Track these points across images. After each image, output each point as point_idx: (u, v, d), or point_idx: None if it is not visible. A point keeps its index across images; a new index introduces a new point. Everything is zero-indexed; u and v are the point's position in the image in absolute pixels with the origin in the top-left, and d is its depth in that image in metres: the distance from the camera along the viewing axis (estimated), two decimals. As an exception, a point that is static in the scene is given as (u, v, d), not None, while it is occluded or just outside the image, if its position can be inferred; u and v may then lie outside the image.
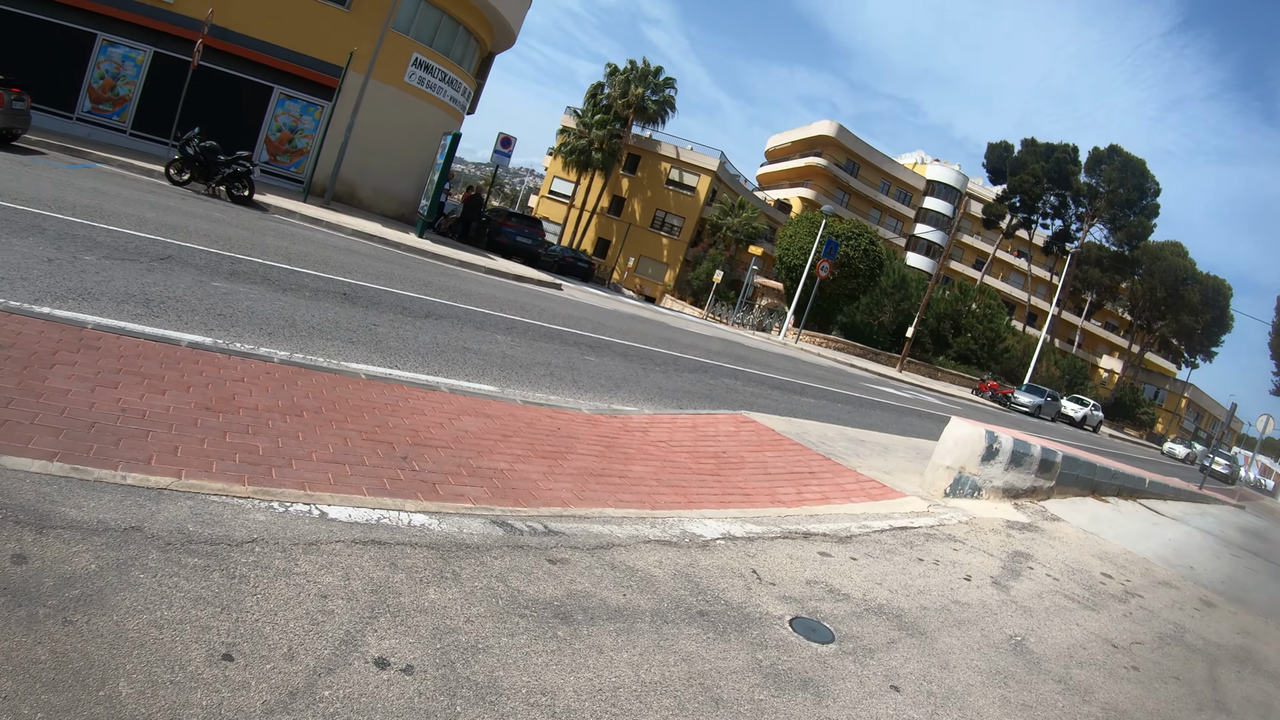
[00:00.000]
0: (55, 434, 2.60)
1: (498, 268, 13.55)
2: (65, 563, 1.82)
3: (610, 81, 38.82)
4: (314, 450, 3.07)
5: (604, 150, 38.41)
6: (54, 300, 4.40)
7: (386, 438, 3.36)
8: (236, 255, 7.60)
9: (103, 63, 16.20)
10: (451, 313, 7.41)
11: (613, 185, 41.76)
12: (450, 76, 19.58)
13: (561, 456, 3.70)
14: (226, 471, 2.67)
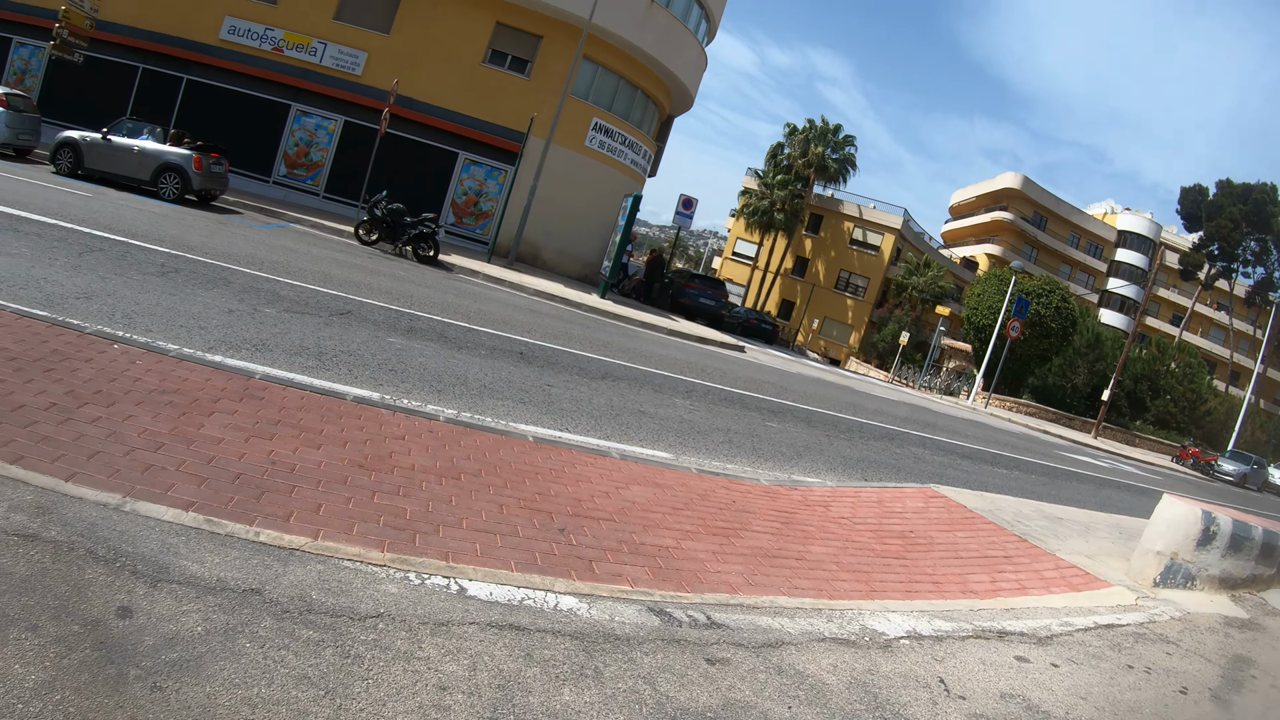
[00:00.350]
0: (198, 483, 3.58)
1: (679, 329, 18.36)
2: (171, 621, 2.36)
3: (790, 141, 55.98)
4: (465, 517, 3.93)
5: (786, 210, 54.88)
6: (228, 349, 6.27)
7: (546, 506, 4.39)
8: (415, 312, 10.27)
9: (296, 131, 25.53)
10: (630, 374, 9.82)
11: (796, 246, 59.24)
12: (630, 140, 27.64)
13: (734, 534, 4.80)
14: (367, 535, 3.44)
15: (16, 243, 8.59)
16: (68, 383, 4.51)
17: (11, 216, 10.14)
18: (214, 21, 24.88)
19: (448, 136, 25.00)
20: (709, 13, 29.87)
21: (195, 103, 25.18)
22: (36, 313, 5.90)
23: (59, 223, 10.48)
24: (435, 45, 24.89)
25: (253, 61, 24.81)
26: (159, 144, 17.65)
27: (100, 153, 17.51)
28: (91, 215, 11.78)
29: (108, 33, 24.06)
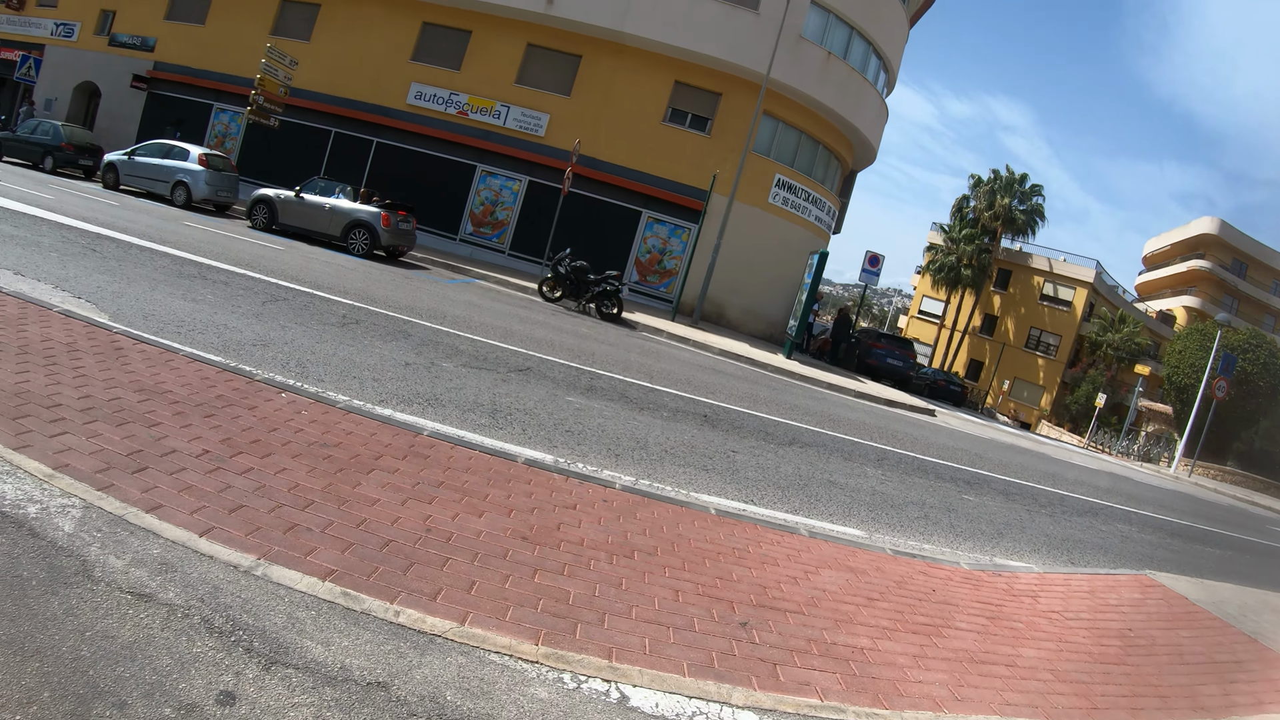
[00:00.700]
0: (342, 548, 3.42)
1: (868, 391, 18.50)
2: (274, 716, 2.08)
3: (975, 193, 57.62)
4: (636, 604, 3.67)
5: (973, 266, 55.67)
6: (398, 403, 6.35)
7: (727, 594, 4.22)
8: (596, 370, 10.40)
9: (482, 190, 27.61)
10: (818, 440, 9.89)
11: (984, 303, 59.93)
12: (814, 196, 28.44)
13: (936, 631, 4.57)
14: (522, 622, 3.14)
15: (204, 290, 9.30)
16: (226, 430, 4.57)
17: (203, 265, 11.08)
18: (401, 88, 27.43)
19: (630, 195, 26.23)
20: (887, 63, 29.91)
21: (385, 163, 27.57)
22: (210, 357, 6.19)
23: (247, 272, 11.34)
24: (615, 105, 26.24)
25: (439, 125, 27.02)
26: (349, 202, 19.14)
27: (293, 209, 19.27)
28: (280, 267, 12.72)
29: (302, 99, 27.00)
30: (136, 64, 30.71)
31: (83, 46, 32.62)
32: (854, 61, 27.61)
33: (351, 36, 27.85)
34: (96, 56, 31.98)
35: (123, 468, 3.78)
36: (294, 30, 28.50)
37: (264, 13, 28.88)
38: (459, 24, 27.06)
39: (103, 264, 9.55)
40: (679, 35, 25.14)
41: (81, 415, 4.34)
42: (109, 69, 31.45)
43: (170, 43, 30.37)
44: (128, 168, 21.24)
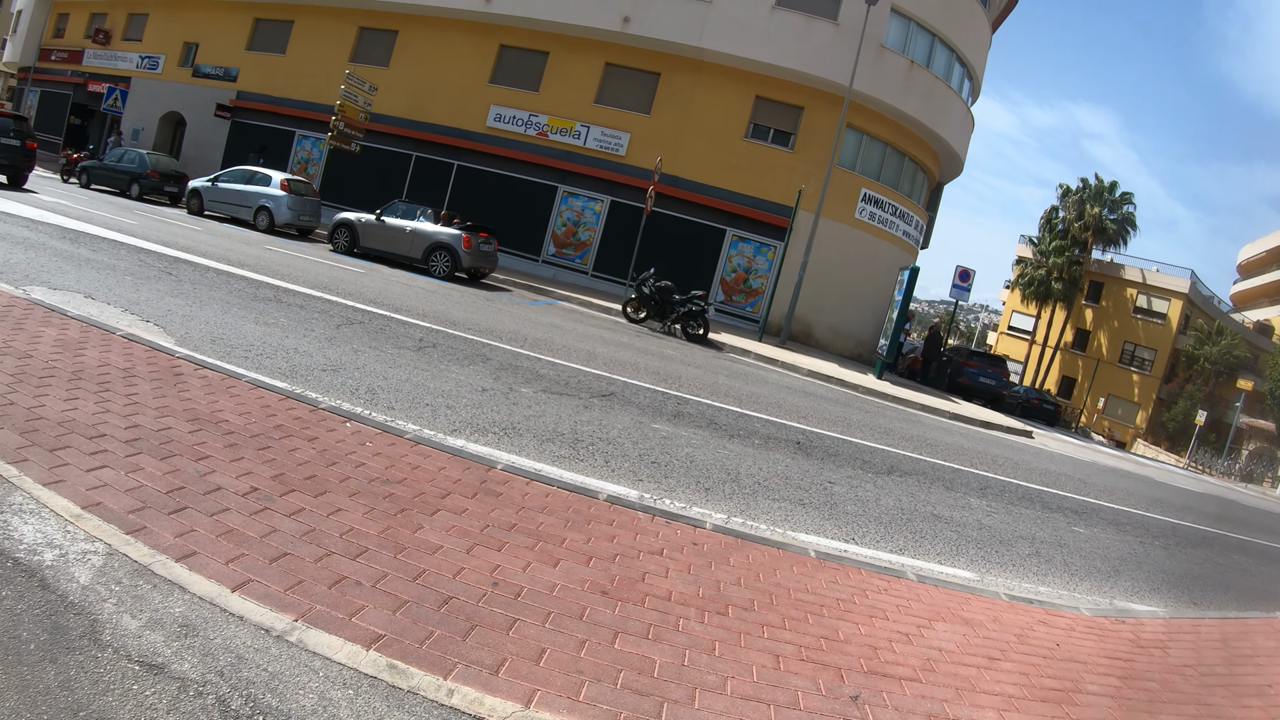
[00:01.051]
0: (394, 606, 2.99)
1: (962, 413, 18.30)
2: None
3: (1064, 203, 57.00)
4: (731, 675, 3.18)
5: (1064, 279, 55.30)
6: (472, 432, 6.00)
7: (833, 658, 3.76)
8: (683, 395, 10.01)
9: (564, 211, 27.48)
10: (917, 468, 9.56)
11: (1075, 317, 59.11)
12: (901, 210, 28.05)
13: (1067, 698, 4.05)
14: (598, 702, 2.68)
15: (277, 313, 9.16)
16: (280, 464, 4.24)
17: (279, 289, 11.02)
18: (481, 110, 27.67)
19: (713, 213, 25.92)
20: (971, 70, 29.15)
21: (466, 186, 27.85)
22: (274, 384, 5.93)
23: (324, 295, 11.25)
24: (696, 122, 26.03)
25: (519, 146, 27.18)
26: (430, 224, 19.26)
27: (374, 232, 19.49)
28: (358, 290, 12.64)
29: (382, 124, 27.50)
30: (220, 94, 31.78)
31: (167, 78, 33.98)
32: (937, 70, 27.05)
33: (429, 61, 28.28)
34: (181, 87, 33.25)
35: (159, 507, 3.46)
36: (373, 57, 29.07)
37: (343, 41, 29.58)
38: (536, 45, 27.25)
39: (177, 287, 9.53)
40: (758, 49, 24.88)
41: (125, 447, 4.06)
42: (193, 99, 32.64)
43: (252, 72, 31.38)
44: (211, 194, 21.79)
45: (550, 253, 27.11)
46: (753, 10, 24.86)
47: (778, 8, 24.80)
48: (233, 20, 31.99)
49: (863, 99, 24.77)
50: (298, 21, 30.55)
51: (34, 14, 40.26)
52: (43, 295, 7.49)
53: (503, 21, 27.03)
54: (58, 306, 6.92)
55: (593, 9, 25.66)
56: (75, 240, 11.79)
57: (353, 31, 29.52)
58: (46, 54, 39.78)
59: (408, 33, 28.67)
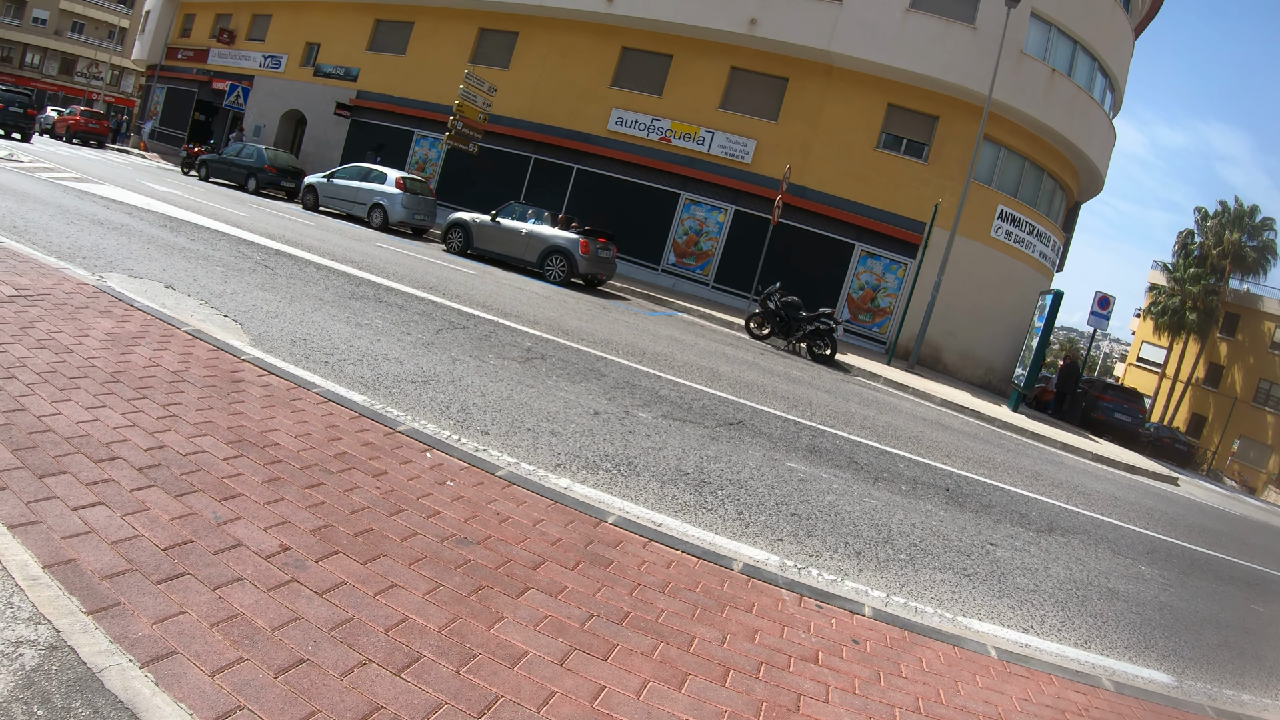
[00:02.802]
0: None
1: (1104, 454, 17.38)
2: None
3: (1201, 228, 54.78)
4: None
5: (1199, 309, 52.51)
6: (579, 469, 5.05)
7: None
8: (817, 425, 9.01)
9: (686, 220, 26.58)
10: (1077, 524, 8.61)
11: (1209, 350, 55.52)
12: (1038, 230, 26.68)
13: None
14: None
15: (373, 313, 8.40)
16: (329, 510, 3.29)
17: (380, 287, 10.33)
18: (602, 114, 27.14)
19: (842, 226, 24.76)
20: (1113, 80, 27.10)
21: (585, 190, 27.35)
22: (349, 397, 5.06)
23: (429, 296, 10.51)
24: (825, 130, 24.97)
25: (641, 151, 26.51)
26: (547, 227, 18.64)
27: (489, 234, 18.99)
28: (467, 292, 11.90)
29: (501, 125, 27.25)
30: (340, 93, 32.22)
31: (289, 77, 34.71)
32: (1079, 79, 25.32)
33: (550, 63, 27.94)
34: (302, 86, 33.90)
35: (148, 570, 2.55)
36: (493, 58, 28.91)
37: (463, 42, 29.53)
38: (659, 48, 26.59)
39: (270, 280, 8.90)
40: (891, 54, 23.68)
41: (135, 477, 3.18)
42: (314, 97, 33.22)
43: (372, 72, 31.70)
44: (327, 190, 21.76)
45: (670, 262, 26.33)
46: (886, 13, 23.67)
47: (912, 10, 23.55)
48: (354, 21, 32.47)
49: (1001, 109, 23.39)
50: (418, 22, 30.70)
51: (161, 14, 42.02)
52: (119, 283, 6.90)
53: (625, 23, 26.43)
54: (126, 296, 6.25)
55: (718, 10, 24.82)
56: (175, 229, 11.42)
57: (473, 32, 29.43)
58: (173, 52, 41.34)
59: (528, 34, 28.42)
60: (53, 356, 4.40)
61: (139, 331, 5.31)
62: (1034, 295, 23.46)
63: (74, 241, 8.61)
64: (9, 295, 5.48)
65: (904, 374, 18.77)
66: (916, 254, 22.79)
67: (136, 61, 49.13)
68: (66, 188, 13.88)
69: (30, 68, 67.40)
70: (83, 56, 69.54)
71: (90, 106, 49.19)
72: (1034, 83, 23.94)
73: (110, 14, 70.40)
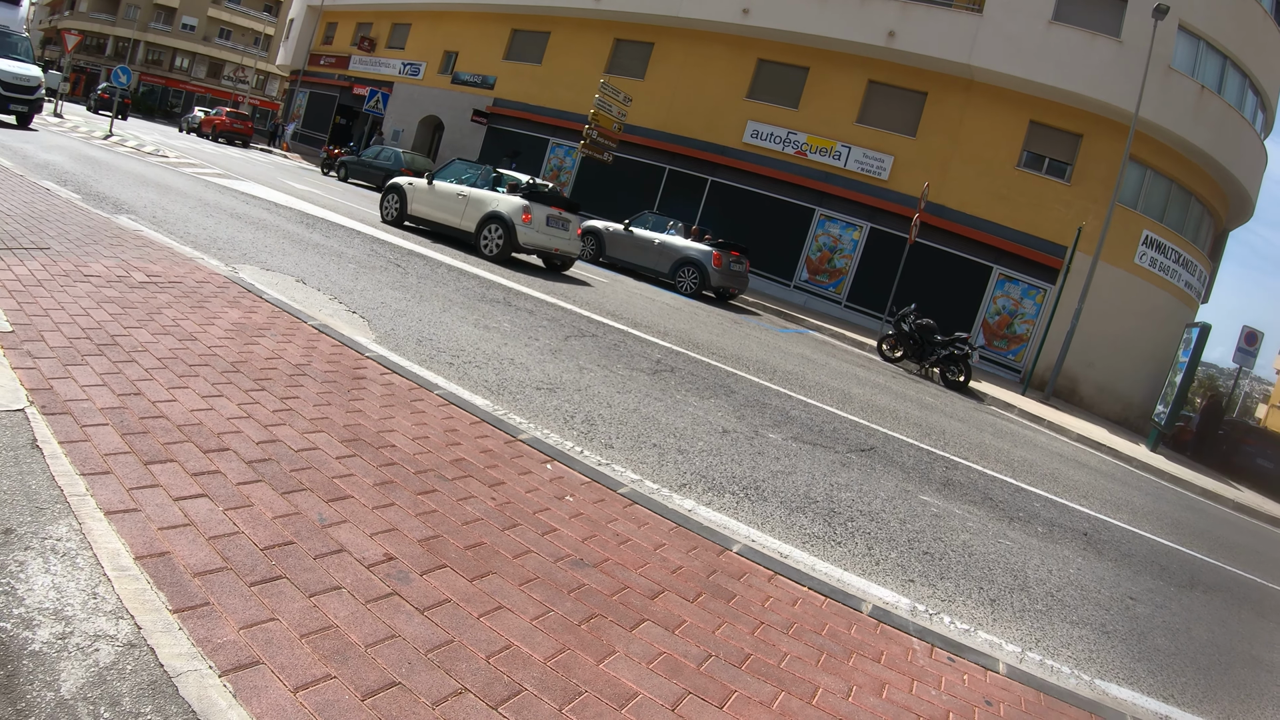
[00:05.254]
0: None
1: (1246, 502, 16.74)
2: None
3: None
4: None
5: None
6: (705, 490, 4.80)
7: None
8: (950, 456, 8.59)
9: (820, 236, 26.34)
10: (1219, 580, 8.15)
11: None
12: (1184, 257, 25.49)
13: None
14: None
15: (502, 317, 8.36)
16: (440, 519, 3.12)
17: (510, 290, 10.34)
18: (737, 126, 27.03)
19: (979, 248, 24.11)
20: (1265, 99, 25.21)
21: (719, 202, 27.30)
22: (472, 400, 4.94)
23: (559, 302, 10.46)
24: (964, 148, 24.26)
25: (776, 165, 26.30)
26: (680, 238, 18.55)
27: (621, 243, 19.06)
28: (597, 300, 11.83)
29: (636, 136, 27.44)
30: (477, 100, 33.14)
31: (428, 84, 35.98)
32: (1229, 96, 23.72)
33: (686, 74, 28.01)
34: (440, 93, 35.08)
35: (244, 570, 2.41)
36: (628, 69, 29.19)
37: (599, 52, 29.91)
38: (796, 60, 26.33)
39: (400, 279, 8.99)
40: (1033, 68, 22.84)
41: (244, 470, 3.09)
42: (451, 104, 34.28)
43: (509, 80, 32.46)
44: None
45: (803, 278, 25.93)
46: (1028, 25, 22.83)
47: (1055, 23, 22.66)
48: (491, 31, 33.34)
49: (1148, 127, 22.24)
50: (554, 32, 31.28)
51: (304, 22, 44.27)
52: (251, 275, 7.03)
53: (761, 35, 26.26)
54: (256, 287, 6.35)
55: (856, 23, 24.41)
56: (310, 225, 11.75)
57: (608, 43, 29.77)
58: (315, 59, 43.45)
59: (663, 45, 28.56)
60: (175, 343, 4.42)
61: (265, 323, 5.34)
62: (1177, 327, 22.62)
63: (210, 233, 8.91)
64: (140, 281, 5.60)
65: (1039, 405, 18.29)
66: (1057, 279, 21.97)
67: (281, 67, 51.94)
68: (209, 183, 14.56)
69: (180, 70, 72.59)
70: (229, 61, 74.16)
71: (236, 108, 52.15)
72: (1182, 100, 22.80)
73: (256, 21, 75.00)
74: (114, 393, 3.53)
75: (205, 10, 72.26)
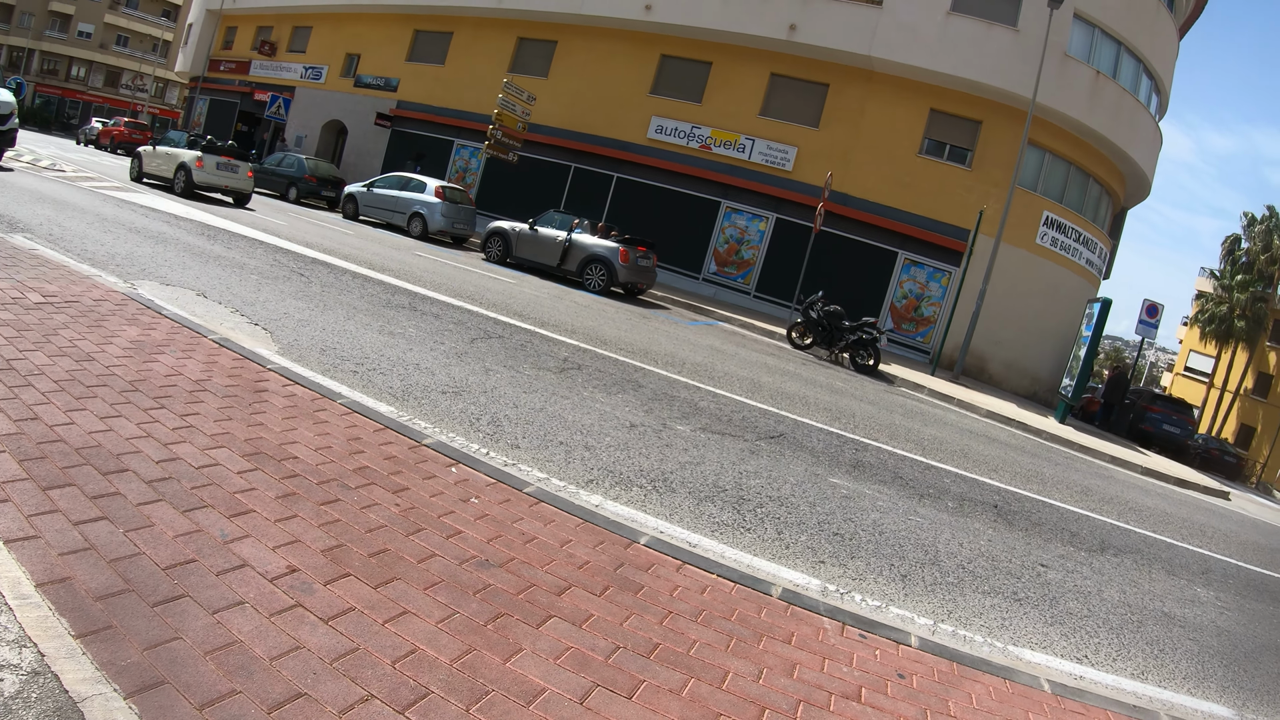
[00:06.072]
0: None
1: (1153, 467, 17.28)
2: None
3: (1249, 233, 54.87)
4: None
5: (1248, 317, 52.32)
6: (613, 484, 4.87)
7: None
8: (860, 439, 8.78)
9: (727, 228, 26.61)
10: (1129, 543, 8.37)
11: (1258, 359, 55.32)
12: (1085, 236, 26.57)
13: None
14: None
15: (407, 322, 8.30)
16: (344, 528, 3.14)
17: (416, 295, 10.26)
18: (641, 122, 27.17)
19: (885, 234, 24.73)
20: (1159, 83, 26.69)
21: (625, 199, 27.39)
22: (375, 408, 4.93)
23: (465, 305, 10.42)
24: (866, 137, 24.87)
25: (681, 159, 26.52)
26: (587, 236, 18.59)
27: (528, 242, 18.96)
28: (504, 301, 11.81)
29: (541, 135, 27.36)
30: (380, 103, 32.60)
31: (330, 88, 35.20)
32: (1124, 81, 24.94)
33: (589, 72, 28.05)
34: (343, 97, 34.36)
35: (146, 591, 2.41)
36: (532, 67, 29.07)
37: (502, 51, 29.72)
38: (698, 55, 26.61)
39: (304, 289, 8.85)
40: (932, 58, 23.49)
41: (144, 490, 3.06)
42: (354, 108, 33.64)
43: (412, 82, 32.02)
44: (366, 199, 21.99)
45: (711, 271, 26.22)
46: (926, 16, 23.48)
47: (953, 13, 23.33)
48: (394, 32, 32.84)
49: (1046, 113, 23.12)
50: (457, 33, 30.97)
51: (204, 27, 42.82)
52: (150, 291, 6.85)
53: (664, 30, 26.42)
54: (155, 304, 6.20)
55: (757, 16, 24.76)
56: (212, 237, 11.46)
57: (511, 42, 29.61)
58: (216, 64, 42.09)
59: (567, 42, 28.53)
60: (72, 364, 4.31)
61: (164, 339, 5.23)
62: (1081, 303, 23.40)
63: (109, 249, 8.63)
64: (35, 303, 5.43)
65: (948, 385, 18.69)
66: (961, 262, 22.52)
67: (180, 74, 50.21)
68: (106, 196, 14.05)
69: (77, 80, 69.37)
70: (128, 69, 71.18)
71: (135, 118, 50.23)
72: (1078, 85, 23.72)
73: (154, 27, 72.11)
74: (10, 419, 3.45)
75: (102, 16, 69.11)
